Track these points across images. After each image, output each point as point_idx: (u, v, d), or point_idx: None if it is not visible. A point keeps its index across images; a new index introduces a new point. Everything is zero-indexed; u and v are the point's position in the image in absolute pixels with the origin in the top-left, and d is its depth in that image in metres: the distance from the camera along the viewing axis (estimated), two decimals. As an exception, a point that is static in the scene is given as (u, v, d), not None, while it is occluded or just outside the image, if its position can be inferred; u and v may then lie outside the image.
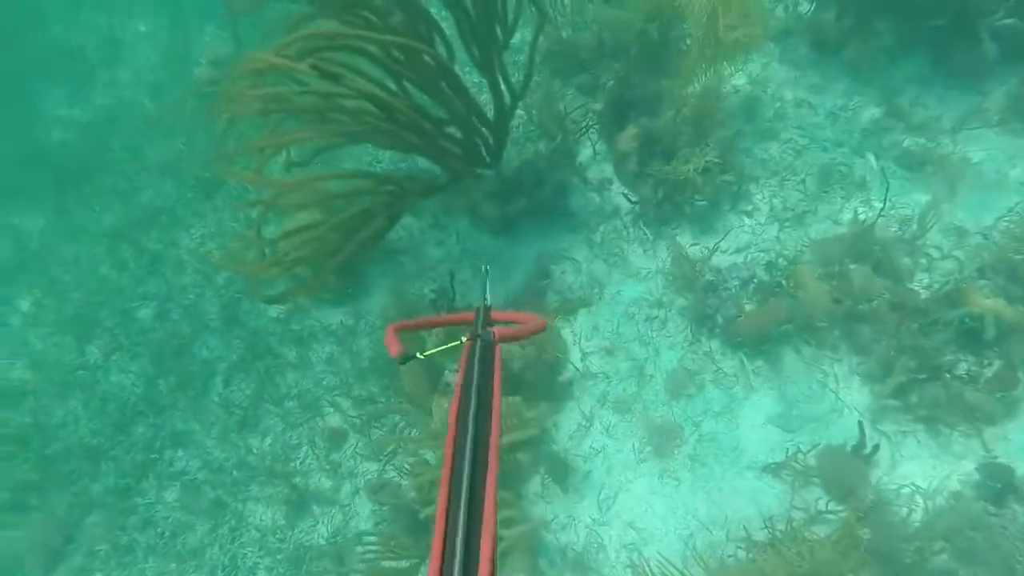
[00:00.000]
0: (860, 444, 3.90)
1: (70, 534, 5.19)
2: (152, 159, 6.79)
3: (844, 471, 3.93)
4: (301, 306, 5.46)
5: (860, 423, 3.93)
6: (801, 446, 4.00)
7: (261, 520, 4.80)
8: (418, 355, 1.51)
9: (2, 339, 6.59)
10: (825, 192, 4.70)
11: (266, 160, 3.91)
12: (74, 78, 8.22)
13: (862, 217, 4.43)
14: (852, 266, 4.26)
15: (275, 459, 4.98)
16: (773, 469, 4.02)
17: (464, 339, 1.53)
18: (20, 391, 6.11)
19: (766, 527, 3.80)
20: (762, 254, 4.56)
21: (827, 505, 3.83)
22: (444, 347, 1.55)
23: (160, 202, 6.49)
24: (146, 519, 5.07)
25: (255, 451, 5.07)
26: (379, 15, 3.98)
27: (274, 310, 5.51)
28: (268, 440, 5.08)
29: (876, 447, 3.89)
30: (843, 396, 4.13)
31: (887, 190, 4.41)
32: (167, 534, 4.97)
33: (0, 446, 5.77)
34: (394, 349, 1.53)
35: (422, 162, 5.29)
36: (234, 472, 5.03)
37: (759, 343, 4.32)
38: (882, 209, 4.34)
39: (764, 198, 4.78)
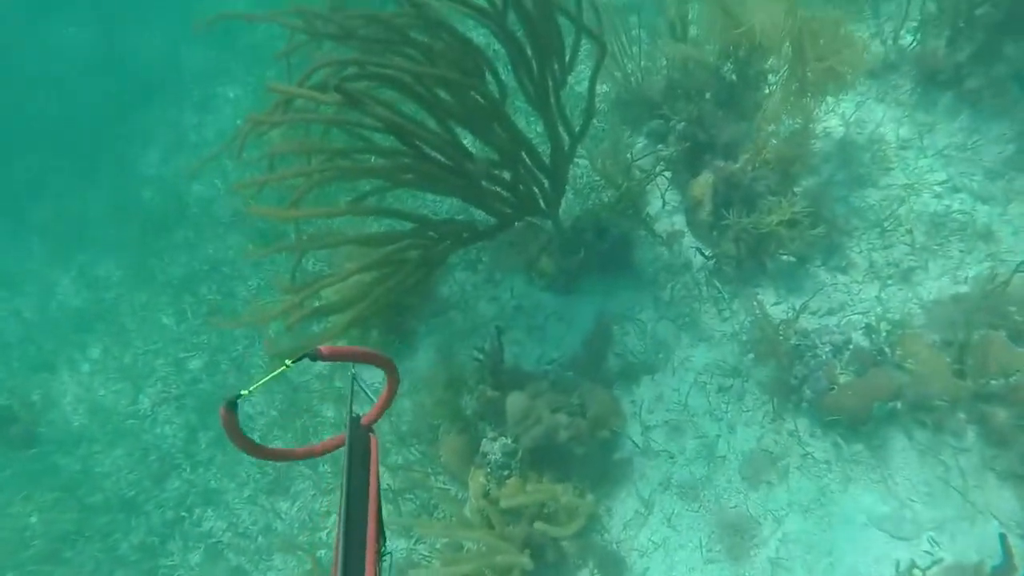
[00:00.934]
0: (1005, 566, 3.00)
1: (94, 594, 4.96)
2: (221, 213, 6.92)
3: (980, 597, 3.03)
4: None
5: (1002, 537, 3.04)
6: (917, 559, 3.15)
7: (280, 596, 4.36)
8: (242, 392, 1.20)
9: (73, 385, 6.70)
10: (938, 245, 3.94)
11: (300, 198, 3.68)
12: (168, 141, 8.73)
13: (990, 273, 3.64)
14: (980, 333, 3.46)
15: (302, 527, 4.57)
16: (881, 587, 3.17)
17: (289, 362, 1.24)
18: (77, 437, 6.11)
19: (873, 665, 2.95)
20: (860, 316, 3.83)
21: (957, 642, 2.93)
22: (270, 376, 1.29)
23: (222, 254, 6.54)
24: (167, 584, 4.76)
25: (283, 516, 4.68)
26: (423, 51, 3.76)
27: (319, 365, 5.24)
28: (297, 505, 4.70)
29: (1026, 570, 2.98)
30: (973, 497, 3.26)
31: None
32: (185, 603, 4.62)
33: (49, 492, 5.71)
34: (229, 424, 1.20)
35: (481, 213, 5.00)
36: (259, 538, 4.66)
37: (858, 423, 3.54)
38: (1022, 263, 3.54)
39: (862, 252, 4.08)
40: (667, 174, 4.78)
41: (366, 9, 3.91)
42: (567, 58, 4.09)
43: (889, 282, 3.93)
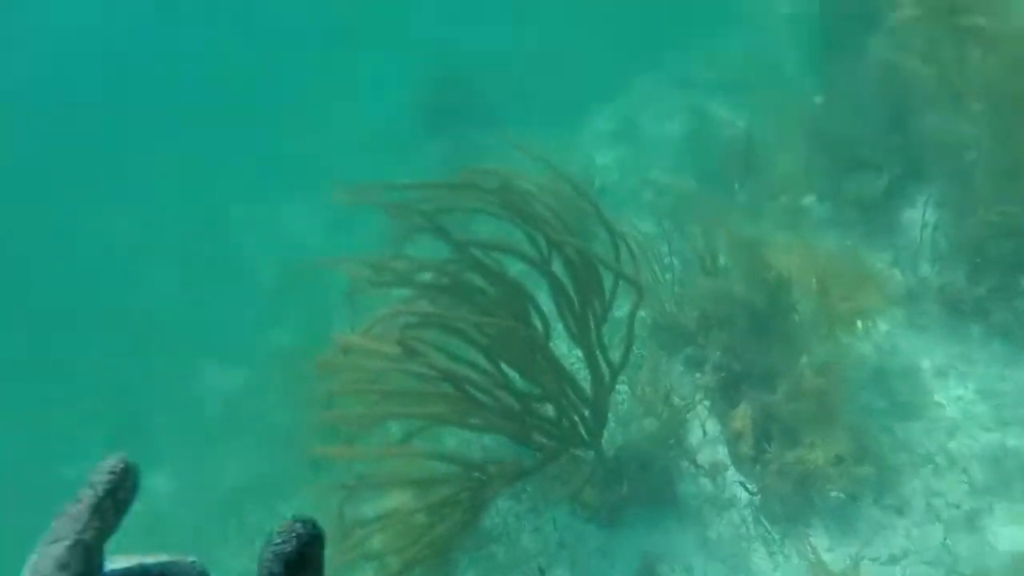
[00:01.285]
0: None
1: None
2: (277, 429, 7.13)
3: None
4: (385, 595, 4.99)
5: None
6: None
7: None
8: None
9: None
10: (1004, 484, 3.80)
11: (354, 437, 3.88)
12: (226, 349, 9.24)
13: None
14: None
15: None
16: None
17: None
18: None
19: None
20: (928, 567, 3.61)
21: None
22: None
23: (271, 471, 6.65)
24: None
25: None
26: (476, 292, 4.12)
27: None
28: None
29: None
30: None
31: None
32: None
33: None
34: None
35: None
36: None
37: None
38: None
39: (916, 491, 3.95)
40: (706, 403, 4.86)
41: (423, 258, 4.40)
42: (607, 298, 4.41)
43: (954, 526, 3.74)
